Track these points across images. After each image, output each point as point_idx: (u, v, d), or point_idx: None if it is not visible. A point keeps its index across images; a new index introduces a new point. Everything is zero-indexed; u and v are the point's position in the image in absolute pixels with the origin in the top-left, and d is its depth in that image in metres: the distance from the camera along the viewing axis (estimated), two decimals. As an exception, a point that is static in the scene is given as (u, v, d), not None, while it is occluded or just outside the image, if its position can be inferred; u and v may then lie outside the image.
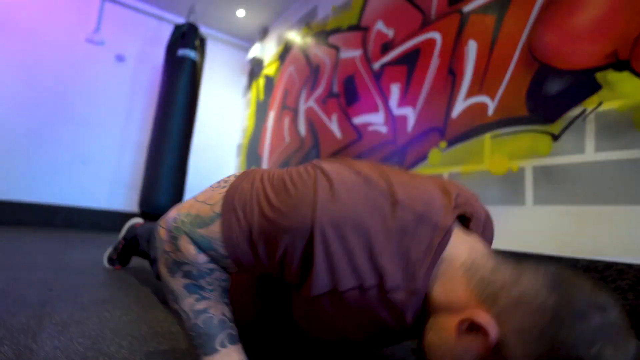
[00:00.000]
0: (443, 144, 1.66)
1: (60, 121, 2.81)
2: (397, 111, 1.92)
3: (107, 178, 2.97)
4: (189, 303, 0.49)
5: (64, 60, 2.83)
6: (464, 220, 0.50)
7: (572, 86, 1.26)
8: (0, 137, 2.60)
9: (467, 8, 1.65)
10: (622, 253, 1.09)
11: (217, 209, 0.47)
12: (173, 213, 0.51)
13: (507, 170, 1.41)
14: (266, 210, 0.43)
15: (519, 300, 0.38)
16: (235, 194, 0.47)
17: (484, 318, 0.39)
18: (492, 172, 1.46)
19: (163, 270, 0.51)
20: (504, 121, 1.44)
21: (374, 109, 2.08)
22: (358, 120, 2.18)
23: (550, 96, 1.31)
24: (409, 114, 1.85)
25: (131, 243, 1.27)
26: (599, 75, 1.19)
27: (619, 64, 1.15)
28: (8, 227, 2.60)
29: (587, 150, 1.20)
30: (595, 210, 1.16)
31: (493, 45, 1.52)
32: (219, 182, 0.52)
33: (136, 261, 1.50)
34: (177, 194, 2.60)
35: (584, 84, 1.22)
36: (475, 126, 1.54)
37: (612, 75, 1.16)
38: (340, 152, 2.28)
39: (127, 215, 3.05)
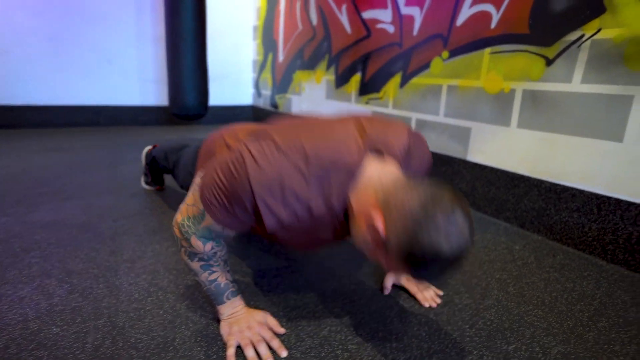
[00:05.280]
0: (445, 53, 1.64)
1: (77, 21, 2.84)
2: (405, 10, 1.82)
3: (134, 75, 3.14)
4: (205, 277, 0.77)
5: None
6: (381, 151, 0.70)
7: (577, 5, 1.18)
8: (25, 44, 2.74)
9: None
10: (578, 180, 1.23)
11: (200, 206, 0.70)
12: (179, 218, 0.74)
13: (500, 90, 1.44)
14: (226, 193, 0.65)
15: (401, 214, 0.56)
16: (204, 191, 0.68)
17: (379, 224, 0.59)
18: (486, 90, 1.49)
19: (184, 257, 0.77)
20: (505, 37, 1.40)
21: (382, 4, 1.96)
22: (367, 15, 2.07)
23: (554, 14, 1.24)
24: (416, 14, 1.76)
25: (152, 165, 1.54)
26: None
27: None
28: (61, 128, 2.99)
29: (574, 81, 1.21)
30: (567, 140, 1.25)
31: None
32: (194, 186, 0.74)
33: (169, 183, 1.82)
34: (201, 93, 2.76)
35: (589, 4, 1.15)
36: (477, 39, 1.49)
37: None
38: (350, 48, 2.25)
39: (160, 109, 3.31)
